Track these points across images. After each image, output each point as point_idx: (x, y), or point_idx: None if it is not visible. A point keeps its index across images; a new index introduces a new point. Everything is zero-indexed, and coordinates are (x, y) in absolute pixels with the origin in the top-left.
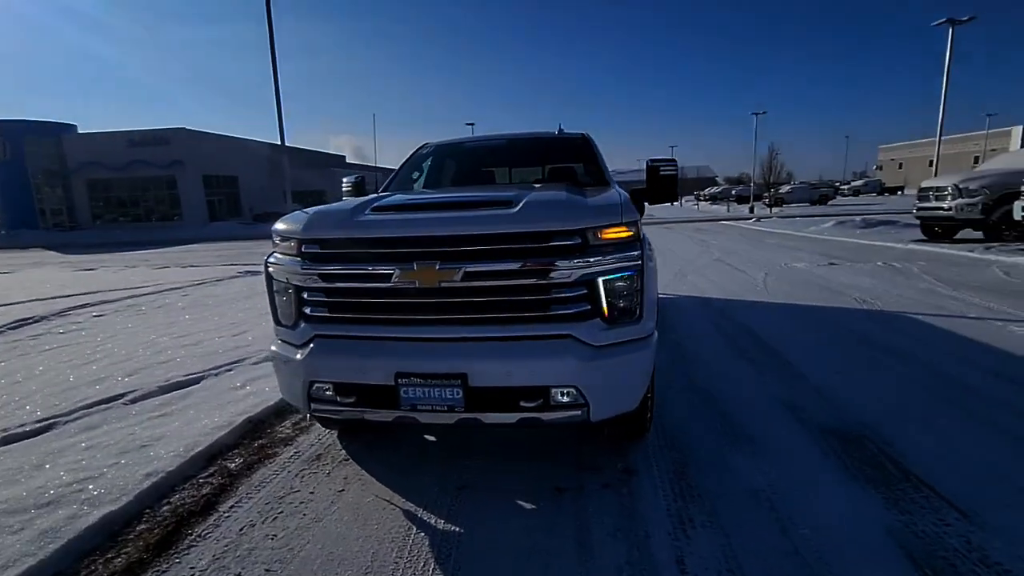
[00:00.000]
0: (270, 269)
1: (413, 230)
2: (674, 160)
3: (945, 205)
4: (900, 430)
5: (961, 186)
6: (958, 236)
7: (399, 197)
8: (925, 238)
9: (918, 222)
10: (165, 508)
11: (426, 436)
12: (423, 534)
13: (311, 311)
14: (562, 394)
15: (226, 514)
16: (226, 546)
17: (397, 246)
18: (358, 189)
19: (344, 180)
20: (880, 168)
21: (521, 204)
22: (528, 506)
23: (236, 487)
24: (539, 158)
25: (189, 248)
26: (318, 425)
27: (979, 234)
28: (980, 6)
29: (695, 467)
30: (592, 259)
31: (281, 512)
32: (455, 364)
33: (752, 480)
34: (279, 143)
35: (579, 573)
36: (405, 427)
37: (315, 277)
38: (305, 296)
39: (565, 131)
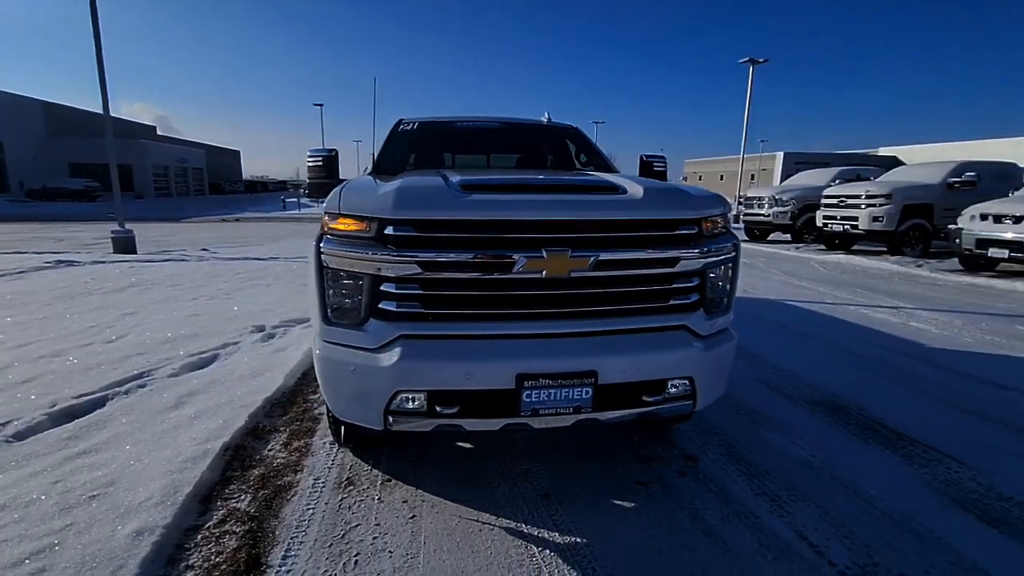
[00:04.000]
0: (325, 256)
1: (543, 213)
2: (664, 156)
3: (764, 212)
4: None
5: (776, 197)
6: (770, 237)
7: (472, 176)
8: (747, 239)
9: (742, 225)
10: None
11: (460, 444)
12: (548, 551)
13: (396, 306)
14: (676, 385)
15: (283, 569)
16: None
17: (525, 230)
18: (330, 167)
19: (310, 154)
20: (686, 179)
21: (643, 190)
22: (627, 504)
23: (267, 530)
24: (537, 144)
25: None
26: (318, 443)
27: (787, 236)
28: (772, 51)
29: (740, 446)
30: (707, 248)
31: (357, 555)
32: (586, 361)
33: (798, 451)
34: (56, 103)
35: (729, 563)
36: (440, 435)
37: (410, 266)
38: (385, 288)
39: (553, 121)
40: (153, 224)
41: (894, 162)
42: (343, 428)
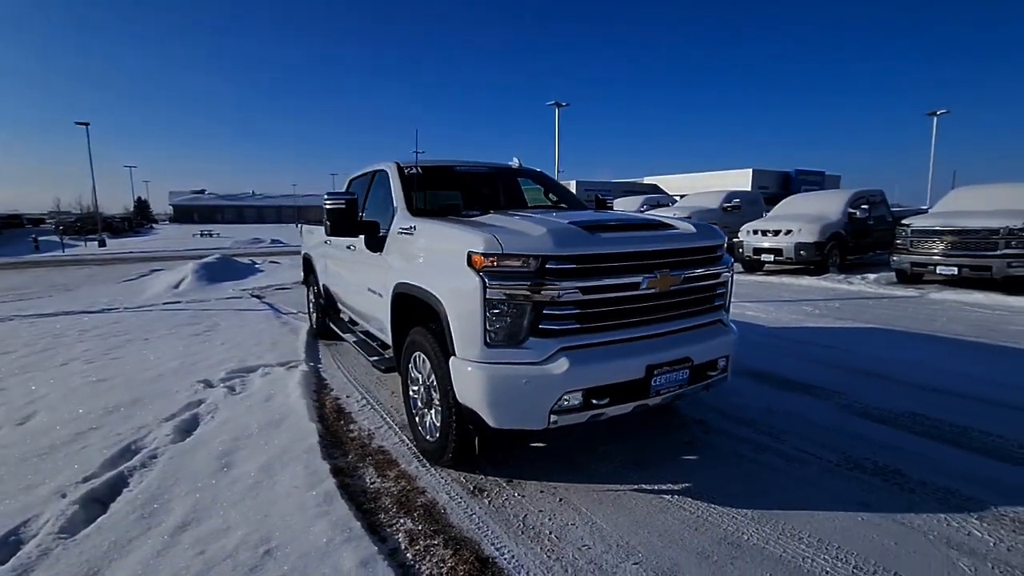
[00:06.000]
0: (491, 290)
1: (654, 245)
2: (611, 193)
3: None
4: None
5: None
6: None
7: (587, 215)
8: None
9: None
10: None
11: (534, 444)
12: (672, 495)
13: (556, 325)
14: (722, 362)
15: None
16: None
17: (645, 259)
18: (352, 209)
19: (329, 196)
20: None
21: (692, 227)
22: (692, 457)
23: (470, 544)
24: (517, 187)
25: None
26: (409, 468)
27: None
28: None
29: (722, 408)
30: (726, 265)
31: (554, 534)
32: (684, 350)
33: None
34: None
35: (779, 470)
36: (517, 440)
37: (572, 291)
38: (547, 311)
39: (524, 166)
40: None
41: (655, 189)
42: (477, 439)
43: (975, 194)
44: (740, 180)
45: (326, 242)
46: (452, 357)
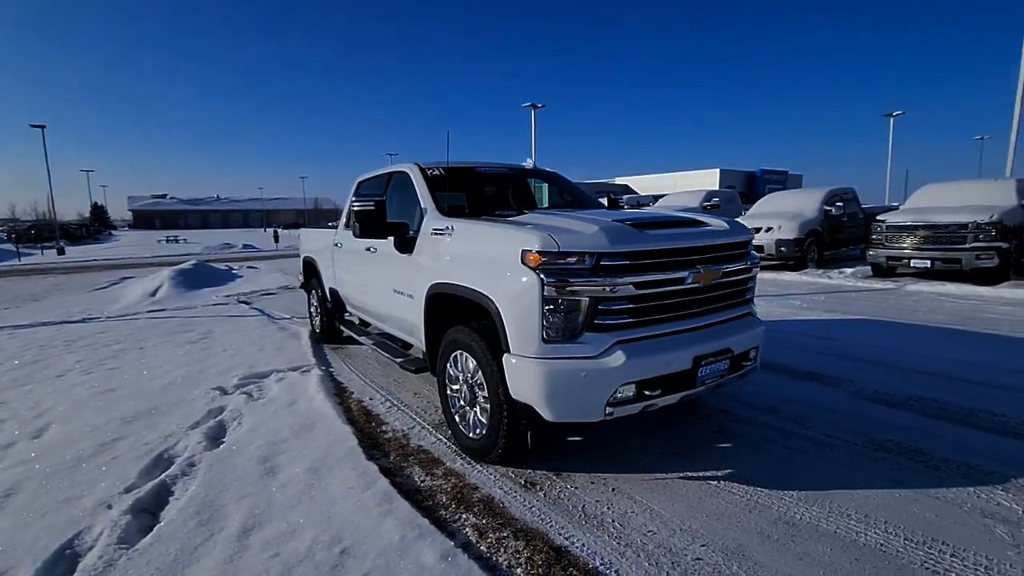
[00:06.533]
0: (547, 288)
1: (697, 241)
2: (622, 194)
3: None
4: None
5: None
6: None
7: (628, 214)
8: None
9: None
10: None
11: (570, 438)
12: (716, 480)
13: (610, 320)
14: (754, 353)
15: (624, 557)
16: None
17: (690, 254)
18: (381, 211)
19: (356, 200)
20: None
21: (724, 224)
22: (725, 444)
23: (540, 535)
24: (529, 187)
25: None
26: (455, 465)
27: None
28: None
29: (744, 398)
30: (754, 260)
31: (618, 519)
32: (724, 342)
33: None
34: None
35: (808, 452)
36: (557, 433)
37: (624, 286)
38: (603, 307)
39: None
40: None
41: (627, 189)
42: (530, 434)
43: (943, 191)
44: (708, 180)
45: (336, 245)
46: (505, 354)
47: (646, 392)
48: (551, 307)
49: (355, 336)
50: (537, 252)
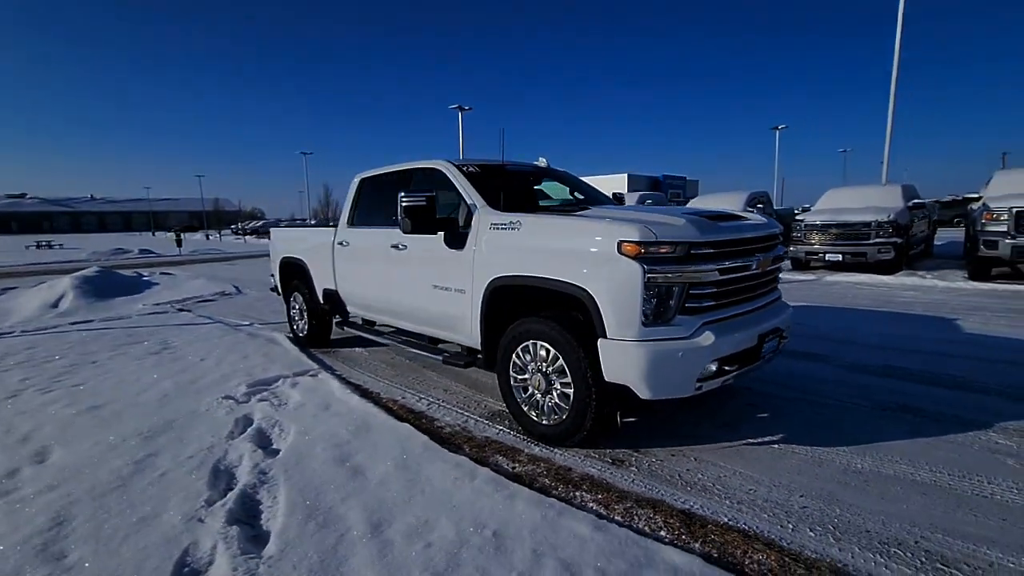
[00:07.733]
0: (648, 275)
1: (761, 231)
2: (623, 193)
3: None
4: None
5: None
6: None
7: (692, 209)
8: None
9: None
10: None
11: (626, 420)
12: (775, 445)
13: (698, 303)
14: (787, 332)
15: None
16: None
17: (756, 244)
18: (431, 207)
19: (406, 196)
20: None
21: (763, 217)
22: (764, 414)
23: (656, 494)
24: (557, 184)
25: None
26: (518, 447)
27: None
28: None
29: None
30: (783, 249)
31: (714, 482)
32: (775, 321)
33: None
34: None
35: (844, 419)
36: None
37: (711, 272)
38: (693, 291)
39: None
40: None
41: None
42: (618, 414)
43: (845, 194)
44: (617, 183)
45: (342, 243)
46: (601, 339)
47: (726, 367)
48: (651, 292)
49: (367, 336)
50: (635, 242)
